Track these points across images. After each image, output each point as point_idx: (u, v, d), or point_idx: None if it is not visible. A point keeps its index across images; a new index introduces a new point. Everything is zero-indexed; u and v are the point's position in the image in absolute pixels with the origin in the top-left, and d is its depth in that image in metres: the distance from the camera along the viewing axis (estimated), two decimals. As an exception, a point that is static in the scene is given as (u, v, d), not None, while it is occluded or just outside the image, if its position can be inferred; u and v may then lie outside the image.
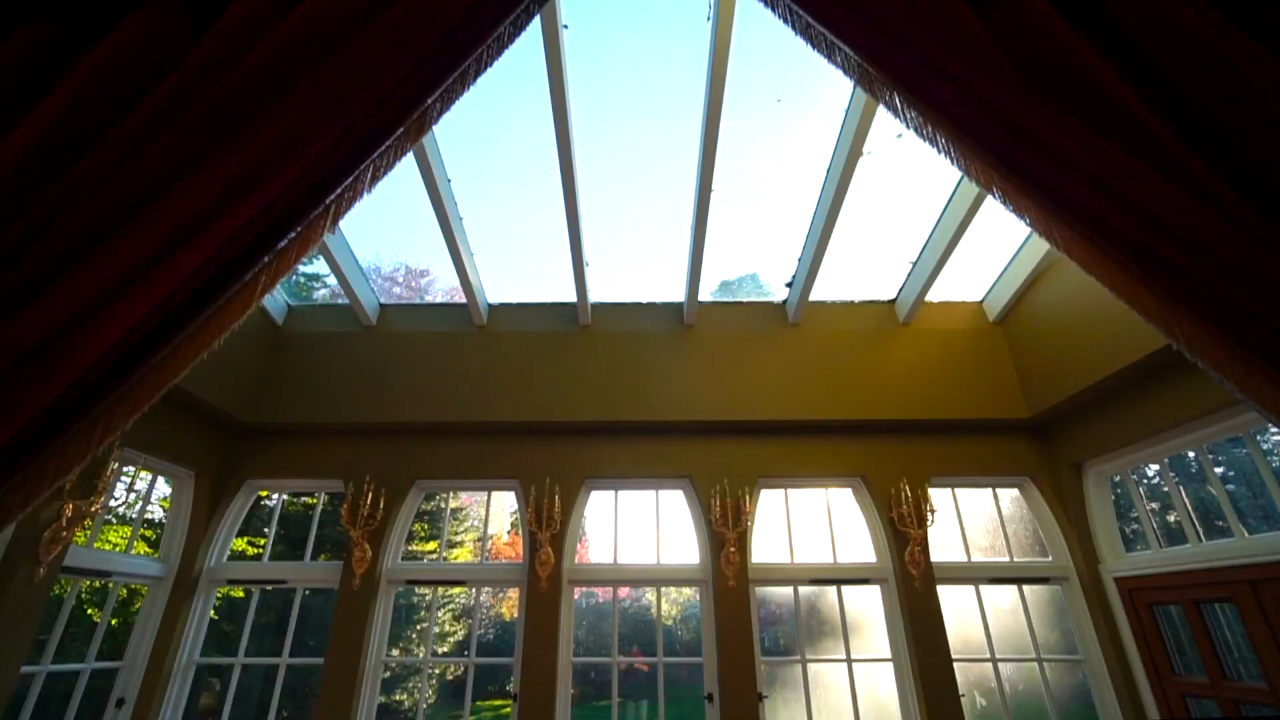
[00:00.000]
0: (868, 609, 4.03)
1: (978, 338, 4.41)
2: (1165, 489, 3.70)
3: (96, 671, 3.53)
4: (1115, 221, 0.83)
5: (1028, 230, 3.99)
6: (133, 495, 3.61)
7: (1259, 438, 3.09)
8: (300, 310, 4.65)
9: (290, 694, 8.42)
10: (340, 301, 4.68)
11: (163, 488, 4.14)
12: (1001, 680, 3.78)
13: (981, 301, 4.56)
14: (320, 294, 6.05)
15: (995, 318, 4.41)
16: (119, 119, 0.88)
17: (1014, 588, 4.03)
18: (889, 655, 3.86)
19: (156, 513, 4.36)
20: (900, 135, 3.85)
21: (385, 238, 6.95)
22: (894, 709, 3.75)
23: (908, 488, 4.03)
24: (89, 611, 6.83)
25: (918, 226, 4.14)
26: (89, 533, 3.47)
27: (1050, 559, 4.08)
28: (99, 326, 0.78)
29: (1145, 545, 3.70)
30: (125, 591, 6.58)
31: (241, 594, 7.48)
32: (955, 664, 3.68)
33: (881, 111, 3.19)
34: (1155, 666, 3.48)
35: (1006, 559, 4.10)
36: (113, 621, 6.52)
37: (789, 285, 4.49)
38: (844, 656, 3.84)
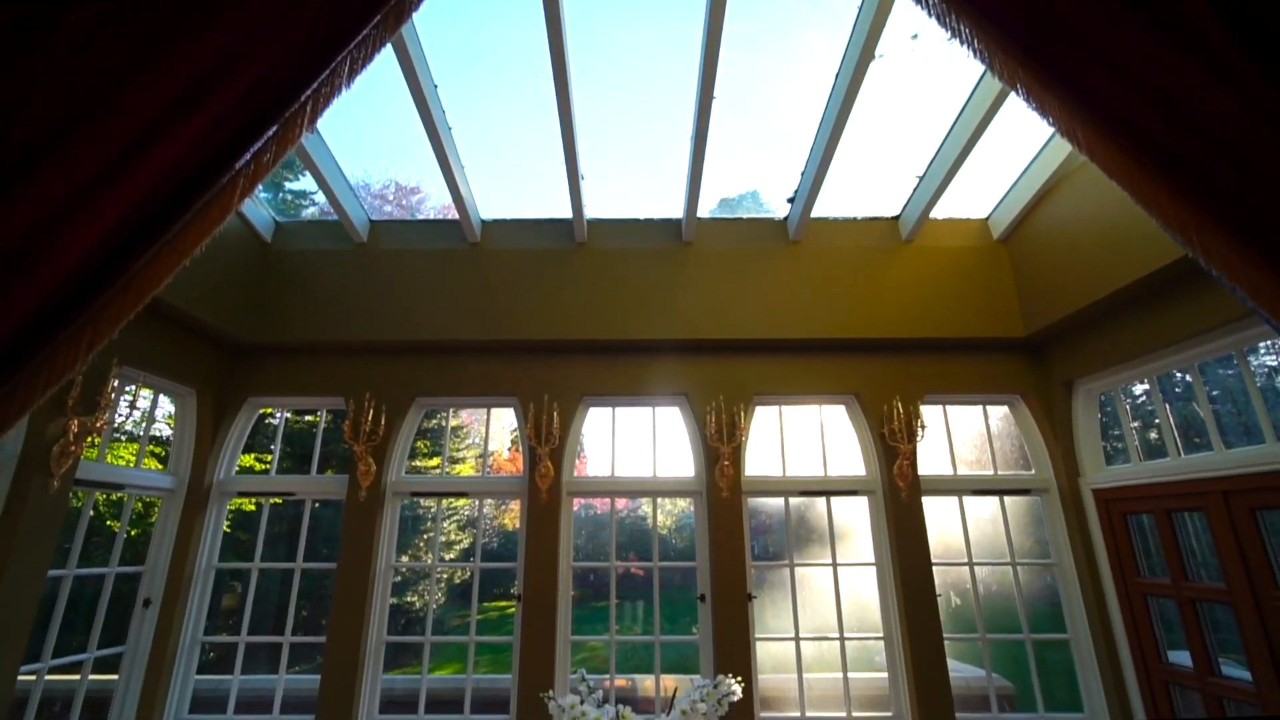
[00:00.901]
0: (854, 519, 4.22)
1: (980, 255, 4.35)
2: (1150, 408, 3.79)
3: (121, 576, 3.72)
4: (1142, 119, 0.78)
5: (1037, 147, 3.91)
6: (136, 412, 3.66)
7: (1250, 357, 3.11)
8: (289, 227, 4.53)
9: (306, 596, 8.97)
10: (330, 218, 4.54)
11: (167, 406, 4.20)
12: (976, 582, 4.03)
13: (986, 219, 4.46)
14: (309, 212, 5.87)
15: (999, 235, 4.33)
16: (79, 2, 0.80)
17: (996, 499, 4.20)
18: (873, 560, 4.08)
19: (164, 430, 4.44)
20: (916, 36, 3.61)
21: (373, 154, 6.66)
22: (874, 608, 4.01)
23: (900, 405, 4.11)
24: (109, 522, 7.12)
25: (926, 140, 3.97)
26: (98, 449, 3.54)
27: (1033, 472, 4.23)
28: (78, 226, 0.75)
29: (1126, 460, 3.83)
30: (140, 505, 6.86)
31: (253, 506, 7.80)
32: (934, 568, 3.90)
33: (897, 10, 2.97)
34: (1122, 569, 3.70)
35: (991, 472, 4.25)
36: (132, 532, 6.85)
37: (791, 201, 4.36)
38: (830, 561, 4.06)
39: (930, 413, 4.29)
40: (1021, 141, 4.03)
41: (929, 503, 4.07)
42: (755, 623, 3.88)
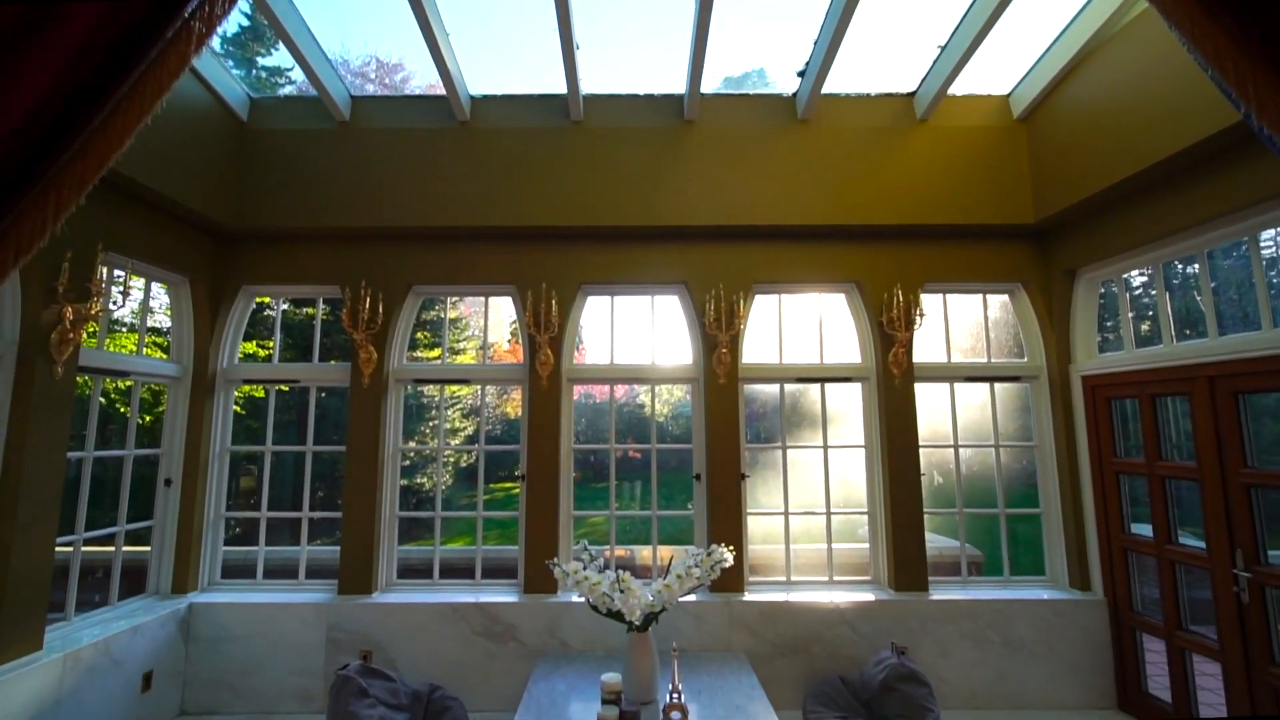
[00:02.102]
0: (847, 404, 4.33)
1: (997, 135, 4.12)
2: (1148, 297, 3.78)
3: (140, 459, 3.87)
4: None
5: (1068, 17, 3.57)
6: (130, 301, 3.62)
7: (1260, 238, 3.04)
8: (265, 104, 4.23)
9: (320, 478, 9.43)
10: (309, 94, 4.23)
11: (164, 298, 4.15)
12: (960, 464, 4.22)
13: (1008, 96, 4.18)
14: (285, 91, 5.47)
15: (1020, 114, 4.08)
16: None
17: (985, 387, 4.30)
18: (862, 443, 4.25)
19: (164, 321, 4.41)
20: None
21: (351, 26, 6.10)
22: (860, 486, 4.23)
23: (900, 293, 4.08)
24: (121, 409, 7.31)
25: (949, 6, 3.62)
26: (97, 338, 3.55)
27: (1025, 360, 4.30)
28: (20, 70, 0.68)
29: (1119, 348, 3.87)
30: (149, 393, 7.02)
31: (261, 393, 7.98)
32: (921, 449, 4.06)
33: None
34: (1099, 450, 3.86)
35: (984, 360, 4.31)
36: (146, 419, 7.07)
37: (801, 75, 4.06)
38: (821, 444, 4.22)
39: (929, 302, 4.27)
40: (1052, 10, 3.69)
41: (921, 389, 4.16)
42: (747, 500, 4.11)
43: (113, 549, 3.68)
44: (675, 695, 2.86)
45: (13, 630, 2.82)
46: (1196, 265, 3.40)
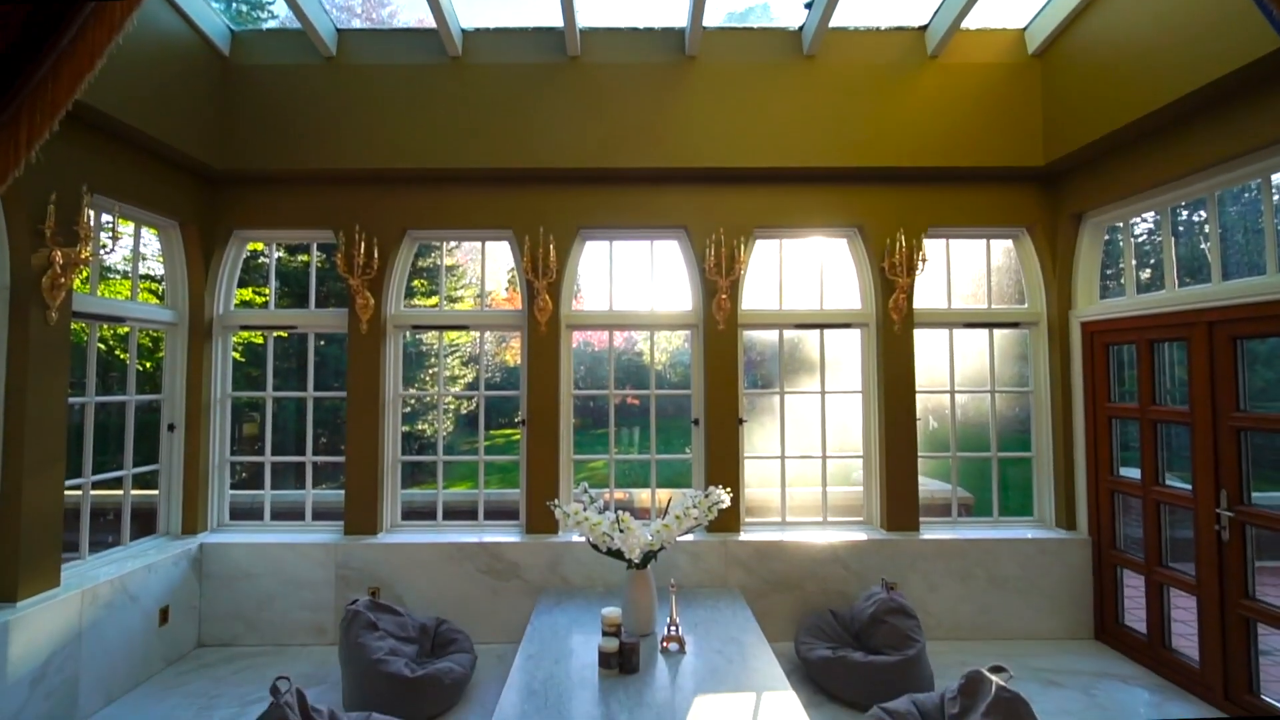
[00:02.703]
0: (846, 350, 4.34)
1: (1010, 73, 3.97)
2: (1151, 245, 3.75)
3: (142, 406, 3.90)
4: None
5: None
6: (120, 245, 3.56)
7: (1273, 180, 2.98)
8: (247, 39, 4.04)
9: (322, 424, 9.54)
10: (293, 26, 4.04)
11: (156, 245, 4.08)
12: (955, 409, 4.27)
13: (1024, 30, 4.00)
14: (268, 25, 5.23)
15: (1035, 49, 3.92)
16: None
17: (984, 334, 4.30)
18: (859, 389, 4.28)
19: (157, 269, 4.35)
20: None
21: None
22: (856, 431, 4.29)
23: (903, 238, 4.02)
24: (121, 356, 7.31)
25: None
26: (89, 284, 3.50)
27: (1025, 306, 4.28)
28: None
29: (1120, 294, 3.85)
30: (148, 340, 7.01)
31: (260, 340, 7.99)
32: (917, 395, 4.10)
33: None
34: (1094, 395, 3.90)
35: (985, 306, 4.29)
36: (147, 365, 7.08)
37: (808, 6, 3.87)
38: (819, 389, 4.25)
39: (932, 248, 4.22)
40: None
41: (920, 336, 4.16)
42: (744, 445, 4.17)
43: (121, 493, 3.75)
44: (673, 628, 2.99)
45: (31, 568, 2.91)
46: (1203, 212, 3.35)
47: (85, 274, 3.34)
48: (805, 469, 4.35)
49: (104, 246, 3.47)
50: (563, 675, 2.71)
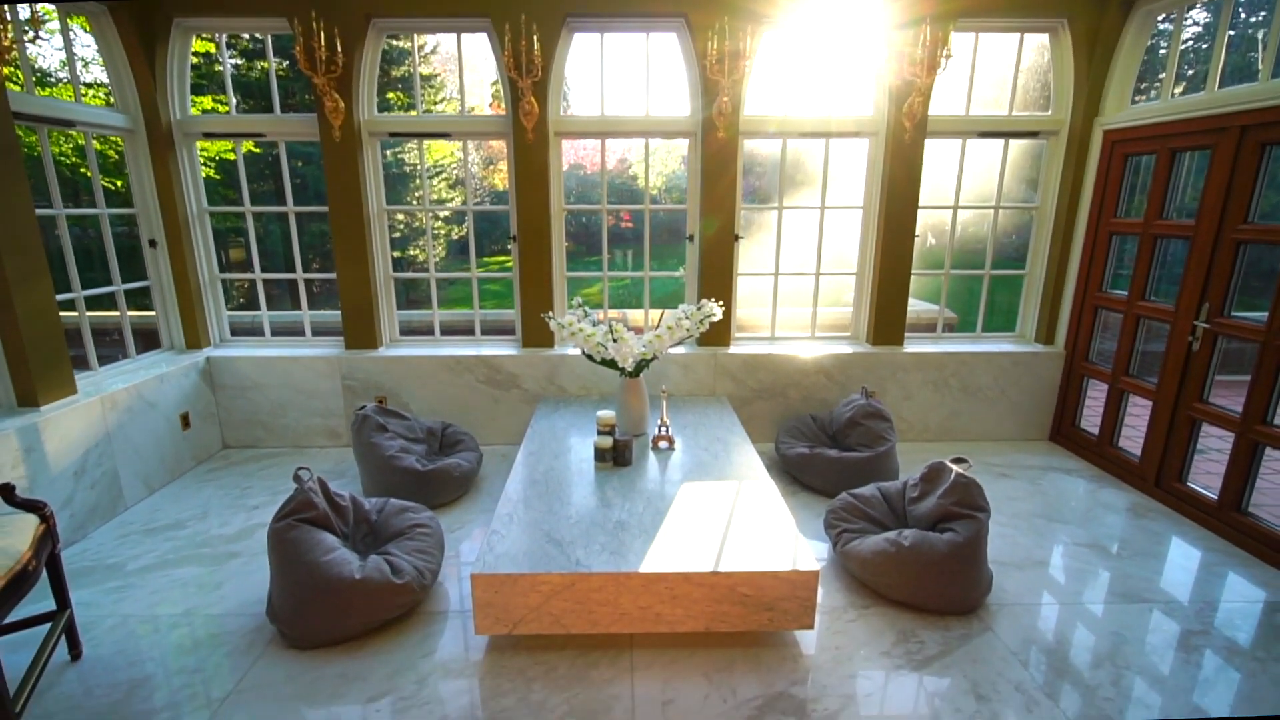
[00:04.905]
0: (850, 163, 4.11)
1: None
2: (1199, 49, 3.38)
3: (118, 220, 3.75)
4: None
5: None
6: (52, 46, 3.15)
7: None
8: None
9: (311, 249, 9.35)
10: None
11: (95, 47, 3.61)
12: (956, 225, 4.17)
13: None
14: None
15: None
16: None
17: (997, 145, 4.05)
18: (860, 204, 4.14)
19: (104, 77, 3.87)
20: None
21: None
22: (852, 250, 4.23)
23: (929, 29, 3.59)
24: (85, 172, 6.91)
25: None
26: (23, 85, 3.16)
27: (1049, 113, 3.98)
28: None
29: (1156, 97, 3.56)
30: (112, 151, 6.56)
31: (232, 154, 7.50)
32: (919, 210, 3.98)
33: None
34: (1100, 210, 3.80)
35: (1004, 113, 3.99)
36: (118, 184, 6.70)
37: None
38: (818, 205, 4.11)
39: (958, 44, 3.79)
40: None
41: (930, 145, 3.92)
42: (739, 262, 4.13)
43: (119, 313, 3.76)
44: (663, 428, 3.21)
45: (45, 376, 3.00)
46: (1264, 12, 2.95)
47: (14, 72, 2.99)
48: (797, 288, 4.35)
49: (26, 33, 3.08)
50: (562, 468, 2.97)
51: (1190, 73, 3.96)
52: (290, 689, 2.01)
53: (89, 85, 6.63)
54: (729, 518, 2.46)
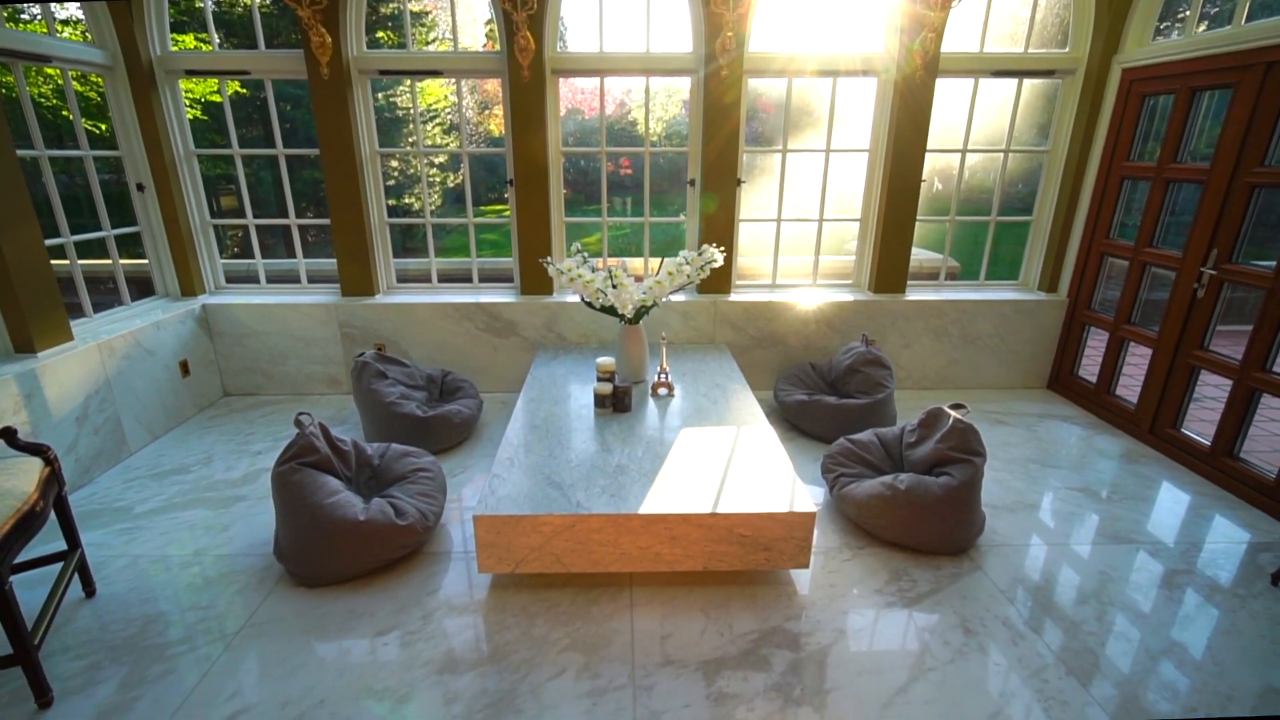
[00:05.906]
0: (857, 103, 3.97)
1: None
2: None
3: (104, 164, 3.64)
4: None
5: None
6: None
7: None
8: None
9: (303, 197, 9.17)
10: None
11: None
12: (964, 169, 4.07)
13: None
14: None
15: None
16: None
17: (1010, 86, 3.91)
18: (866, 147, 4.02)
19: (76, 11, 3.68)
20: None
21: None
22: (856, 195, 4.14)
23: (943, -43, 3.41)
24: (66, 115, 6.69)
25: None
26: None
27: (1067, 50, 3.82)
28: None
29: (1180, 34, 3.40)
30: (93, 93, 6.34)
31: (217, 95, 7.25)
32: (926, 154, 3.87)
33: None
34: (1114, 153, 3.69)
35: (1019, 51, 3.82)
36: (102, 127, 6.49)
37: None
38: (823, 148, 3.99)
39: (975, -28, 3.61)
40: None
41: (941, 85, 3.77)
42: (740, 207, 4.05)
43: (111, 260, 3.70)
44: (663, 375, 3.22)
45: (40, 322, 2.98)
46: None
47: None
48: (800, 234, 4.28)
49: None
50: (562, 414, 2.99)
51: (1214, 10, 3.78)
52: (300, 623, 2.08)
53: (64, 22, 6.36)
54: (728, 462, 2.49)
